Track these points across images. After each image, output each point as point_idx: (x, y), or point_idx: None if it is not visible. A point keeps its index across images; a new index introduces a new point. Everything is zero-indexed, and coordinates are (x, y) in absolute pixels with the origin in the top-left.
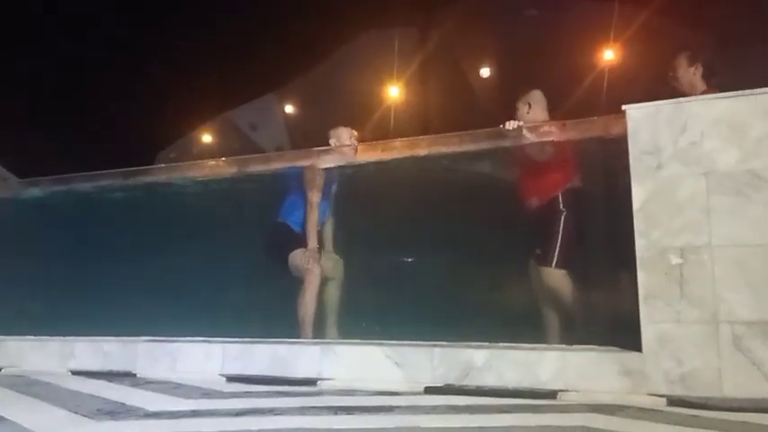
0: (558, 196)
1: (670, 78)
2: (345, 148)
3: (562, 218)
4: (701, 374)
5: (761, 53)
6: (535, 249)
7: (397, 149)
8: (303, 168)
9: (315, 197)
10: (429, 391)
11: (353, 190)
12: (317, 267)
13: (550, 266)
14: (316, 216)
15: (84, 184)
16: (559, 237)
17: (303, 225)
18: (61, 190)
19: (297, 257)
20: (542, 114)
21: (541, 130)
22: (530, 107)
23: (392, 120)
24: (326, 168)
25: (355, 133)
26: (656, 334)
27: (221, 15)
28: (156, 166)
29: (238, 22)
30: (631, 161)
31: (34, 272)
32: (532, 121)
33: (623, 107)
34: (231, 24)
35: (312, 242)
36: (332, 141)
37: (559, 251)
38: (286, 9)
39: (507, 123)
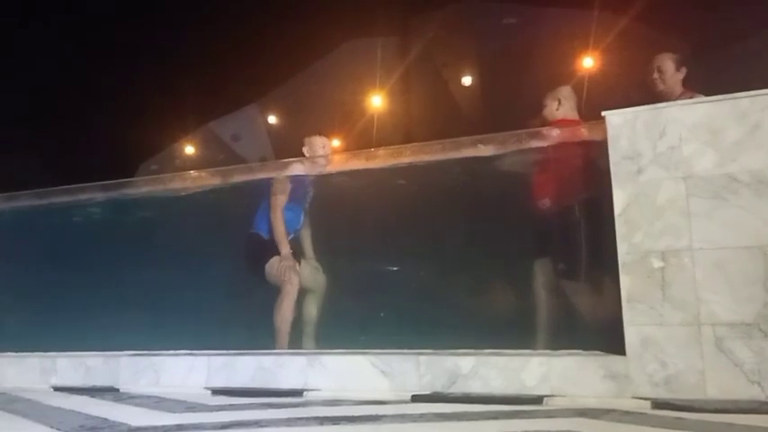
0: (574, 206)
1: (655, 80)
2: (318, 158)
3: (581, 229)
4: (685, 377)
5: (738, 55)
6: (558, 264)
7: (380, 158)
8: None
9: (278, 200)
10: (416, 399)
11: (333, 197)
12: (295, 277)
13: (579, 281)
14: (280, 220)
15: (64, 198)
16: (582, 250)
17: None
18: (40, 204)
19: (273, 266)
20: (572, 113)
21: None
22: (560, 103)
23: (375, 128)
24: (299, 175)
25: (329, 143)
26: (639, 337)
27: (202, 25)
28: (136, 178)
29: (220, 32)
30: (612, 166)
31: (13, 286)
32: (563, 118)
33: (603, 113)
34: (212, 35)
35: (284, 248)
36: (305, 149)
37: (585, 265)
38: (267, 18)
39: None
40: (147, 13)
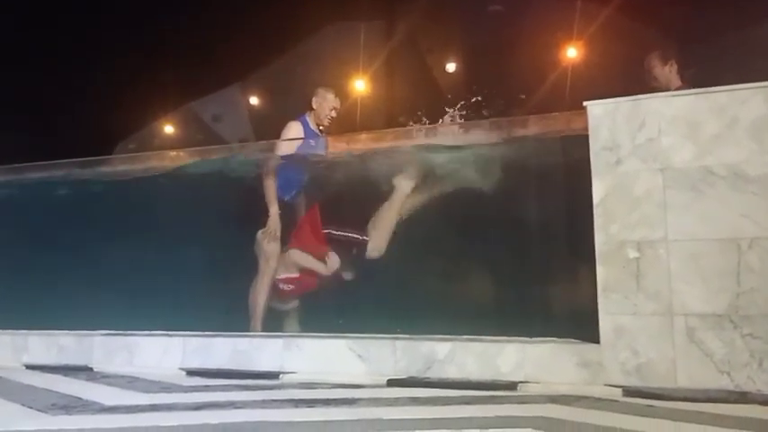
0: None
1: (649, 79)
2: (326, 111)
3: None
4: (656, 365)
5: (718, 49)
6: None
7: (362, 142)
8: None
9: (270, 170)
10: (392, 383)
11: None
12: (273, 259)
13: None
14: (271, 183)
15: (39, 174)
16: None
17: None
18: (14, 179)
19: (259, 235)
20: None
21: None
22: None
23: (358, 112)
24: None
25: (338, 103)
26: (613, 326)
27: (185, 4)
28: (113, 156)
29: (203, 11)
30: (591, 157)
31: None
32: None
33: (584, 103)
34: (195, 14)
35: (272, 207)
36: (314, 100)
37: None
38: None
39: None
40: None
